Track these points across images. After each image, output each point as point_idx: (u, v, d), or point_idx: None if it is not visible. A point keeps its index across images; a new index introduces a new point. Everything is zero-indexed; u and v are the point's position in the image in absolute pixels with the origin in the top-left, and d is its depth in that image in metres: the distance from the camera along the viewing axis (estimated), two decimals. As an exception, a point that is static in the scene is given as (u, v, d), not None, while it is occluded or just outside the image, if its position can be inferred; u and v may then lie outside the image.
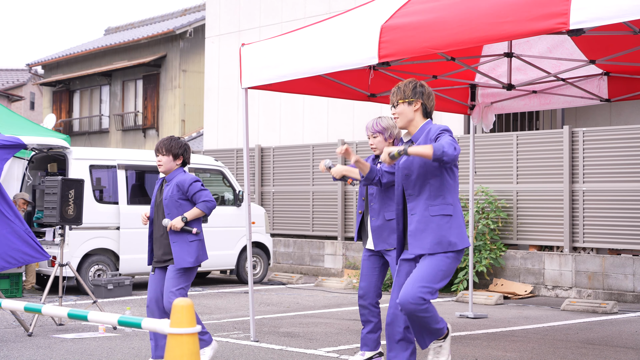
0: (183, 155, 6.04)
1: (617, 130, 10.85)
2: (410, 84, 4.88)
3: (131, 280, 10.97)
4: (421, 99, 4.85)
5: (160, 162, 5.99)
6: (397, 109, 4.88)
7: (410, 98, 4.84)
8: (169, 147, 6.01)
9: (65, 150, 11.11)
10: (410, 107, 4.84)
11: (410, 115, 4.84)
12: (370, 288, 6.16)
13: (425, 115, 4.87)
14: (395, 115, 4.89)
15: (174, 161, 6.01)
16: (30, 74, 36.17)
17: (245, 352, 6.84)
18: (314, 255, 14.00)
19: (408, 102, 4.84)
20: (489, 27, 5.21)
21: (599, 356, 6.78)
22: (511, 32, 5.13)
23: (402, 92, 4.86)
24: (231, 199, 12.65)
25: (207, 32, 18.61)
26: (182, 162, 6.07)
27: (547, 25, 4.91)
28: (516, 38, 5.33)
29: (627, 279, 10.43)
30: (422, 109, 4.86)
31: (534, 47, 8.08)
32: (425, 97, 4.86)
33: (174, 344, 3.31)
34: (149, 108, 25.10)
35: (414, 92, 4.85)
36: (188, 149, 6.12)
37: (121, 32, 29.96)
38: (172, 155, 6.00)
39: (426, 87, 4.90)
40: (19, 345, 7.16)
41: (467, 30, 5.30)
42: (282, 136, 16.30)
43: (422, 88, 4.88)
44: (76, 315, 3.94)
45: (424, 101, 4.85)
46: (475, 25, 5.27)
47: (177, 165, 6.04)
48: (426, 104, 4.87)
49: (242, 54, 7.31)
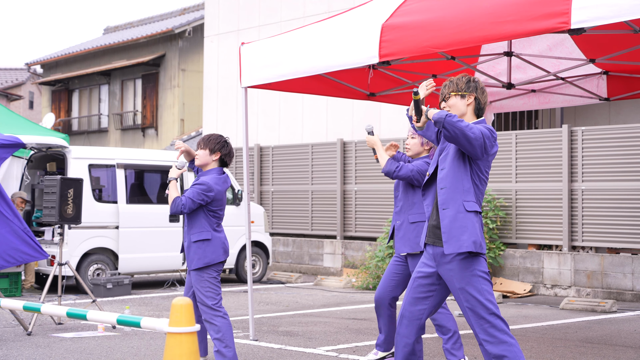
0: (220, 151, 5.87)
1: (616, 129, 10.86)
2: (464, 78, 4.69)
3: (130, 280, 10.97)
4: (475, 93, 4.65)
5: (197, 155, 5.96)
6: (448, 102, 4.67)
7: (463, 91, 4.64)
8: (206, 141, 5.90)
9: (64, 149, 11.10)
10: (462, 101, 4.65)
11: (462, 109, 4.64)
12: (383, 296, 6.12)
13: (478, 111, 4.68)
14: (447, 108, 4.67)
15: (209, 155, 5.87)
16: (29, 73, 36.14)
17: (245, 351, 6.84)
18: (313, 255, 14.00)
19: (461, 95, 4.64)
20: (490, 26, 5.21)
21: (598, 355, 6.78)
22: (512, 31, 5.12)
23: (455, 84, 4.67)
24: (230, 198, 12.64)
25: (206, 31, 18.61)
26: (219, 159, 5.90)
27: (548, 25, 4.91)
28: (517, 37, 5.33)
29: (626, 278, 10.43)
30: (474, 103, 4.66)
31: (534, 45, 8.07)
32: (479, 91, 4.67)
33: (173, 343, 3.31)
34: (148, 107, 25.09)
35: (468, 85, 4.66)
36: (226, 146, 5.93)
37: (120, 31, 29.94)
38: (209, 149, 5.90)
39: (480, 82, 4.72)
40: (18, 344, 7.16)
41: (468, 30, 5.30)
42: (281, 135, 16.30)
43: (476, 83, 4.70)
44: (75, 314, 3.95)
45: (477, 95, 4.66)
46: (476, 24, 5.27)
47: (214, 162, 5.90)
48: (480, 98, 4.67)
49: (241, 53, 7.31)
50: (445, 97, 4.71)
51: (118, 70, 26.08)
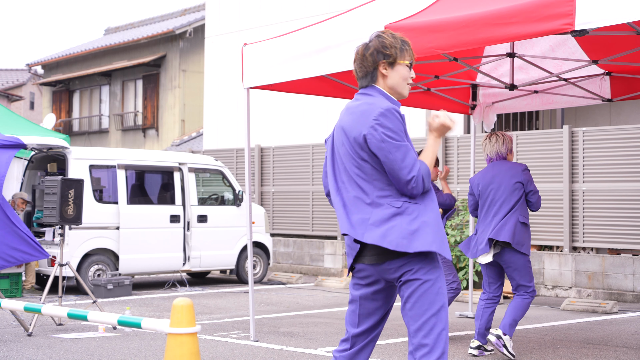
0: None
1: (617, 130, 10.85)
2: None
3: (131, 280, 10.96)
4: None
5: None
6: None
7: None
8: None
9: (65, 150, 11.10)
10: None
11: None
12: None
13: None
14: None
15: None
16: (30, 73, 36.15)
17: (245, 352, 6.83)
18: (314, 255, 13.99)
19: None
20: (494, 28, 5.19)
21: (599, 356, 6.77)
22: (516, 33, 5.11)
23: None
24: (231, 199, 12.64)
25: (206, 32, 18.61)
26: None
27: (552, 27, 4.90)
28: (522, 39, 5.32)
29: (627, 279, 10.42)
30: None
31: (536, 46, 8.06)
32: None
33: (174, 344, 3.30)
34: (148, 108, 25.09)
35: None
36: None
37: (121, 32, 29.94)
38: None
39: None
40: (19, 345, 7.15)
41: (472, 31, 5.28)
42: (282, 136, 16.29)
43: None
44: (76, 315, 3.94)
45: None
46: (480, 26, 5.25)
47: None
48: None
49: (244, 54, 7.29)
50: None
51: (119, 70, 26.08)
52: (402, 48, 3.87)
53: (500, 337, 6.46)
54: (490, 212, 6.61)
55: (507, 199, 6.55)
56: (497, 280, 6.76)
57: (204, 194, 12.71)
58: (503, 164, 6.72)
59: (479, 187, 6.73)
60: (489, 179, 6.68)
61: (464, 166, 11.90)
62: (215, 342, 7.29)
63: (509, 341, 6.49)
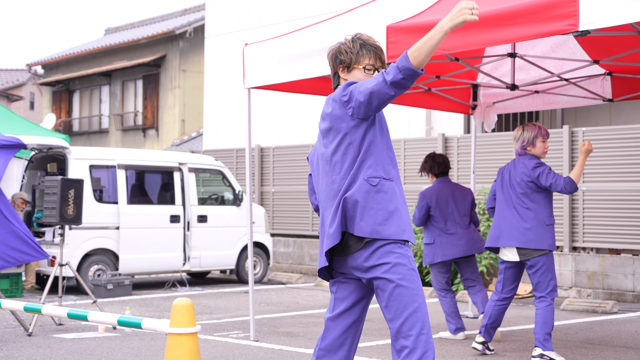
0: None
1: (617, 130, 10.84)
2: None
3: (131, 280, 10.96)
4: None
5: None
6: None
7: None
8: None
9: (65, 150, 11.10)
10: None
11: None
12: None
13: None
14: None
15: None
16: (30, 74, 36.15)
17: (245, 352, 6.83)
18: (314, 255, 13.98)
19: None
20: (497, 28, 5.19)
21: (599, 356, 6.77)
22: (520, 34, 5.11)
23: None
24: (231, 199, 12.64)
25: (206, 32, 18.61)
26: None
27: (556, 27, 4.90)
28: (525, 40, 5.32)
29: (627, 279, 10.42)
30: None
31: (537, 46, 8.06)
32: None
33: (174, 344, 3.30)
34: (148, 108, 25.08)
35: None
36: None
37: (121, 32, 29.94)
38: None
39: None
40: (19, 345, 7.15)
41: (475, 32, 5.28)
42: (282, 136, 16.29)
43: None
44: (76, 315, 3.94)
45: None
46: (483, 26, 5.25)
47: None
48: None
49: (245, 54, 7.29)
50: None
51: (119, 71, 26.08)
52: (360, 53, 3.92)
53: (543, 355, 6.23)
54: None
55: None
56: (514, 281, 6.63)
57: (204, 194, 12.71)
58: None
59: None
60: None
61: (464, 166, 11.88)
62: (215, 342, 7.29)
63: (555, 355, 6.24)
